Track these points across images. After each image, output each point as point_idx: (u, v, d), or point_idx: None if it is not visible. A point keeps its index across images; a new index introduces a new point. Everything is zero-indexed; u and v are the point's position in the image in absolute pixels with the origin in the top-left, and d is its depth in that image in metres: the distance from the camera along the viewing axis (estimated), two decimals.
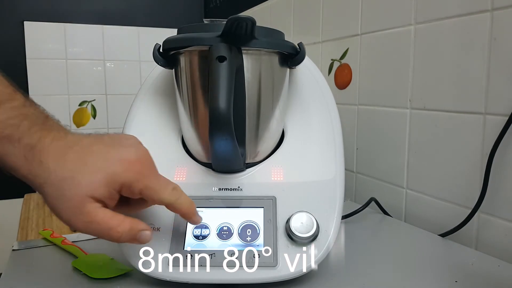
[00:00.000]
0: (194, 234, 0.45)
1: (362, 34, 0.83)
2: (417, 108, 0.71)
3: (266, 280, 0.43)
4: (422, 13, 0.68)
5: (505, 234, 0.57)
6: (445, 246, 0.60)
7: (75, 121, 1.66)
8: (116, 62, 1.70)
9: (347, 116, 0.88)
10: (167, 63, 0.49)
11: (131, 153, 0.39)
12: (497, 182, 0.57)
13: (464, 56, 0.62)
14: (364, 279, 0.48)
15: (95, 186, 0.36)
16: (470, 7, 0.60)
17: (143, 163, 0.39)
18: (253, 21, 0.41)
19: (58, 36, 1.61)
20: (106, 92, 1.70)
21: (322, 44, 0.96)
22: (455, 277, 0.49)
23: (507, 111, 0.55)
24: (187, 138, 0.52)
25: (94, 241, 0.59)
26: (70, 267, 0.50)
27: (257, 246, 0.44)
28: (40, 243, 0.58)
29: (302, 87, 0.55)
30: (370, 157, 0.83)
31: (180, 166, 0.51)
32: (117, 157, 0.38)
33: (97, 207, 0.36)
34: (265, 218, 0.46)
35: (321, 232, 0.45)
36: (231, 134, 0.42)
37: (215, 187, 0.49)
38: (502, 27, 0.56)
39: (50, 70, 1.61)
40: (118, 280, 0.47)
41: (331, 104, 0.54)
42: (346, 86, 0.89)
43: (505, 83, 0.56)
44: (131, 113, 0.54)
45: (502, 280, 0.49)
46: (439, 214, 0.67)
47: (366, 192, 0.84)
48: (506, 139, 0.56)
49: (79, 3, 1.64)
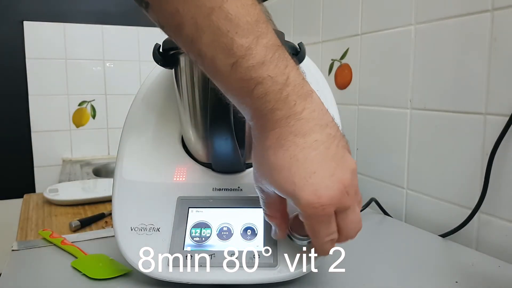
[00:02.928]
0: (194, 234, 0.45)
1: (362, 34, 0.83)
2: (417, 108, 0.70)
3: (266, 280, 0.43)
4: (422, 13, 0.68)
5: (505, 234, 0.57)
6: (445, 247, 0.60)
7: (74, 121, 1.66)
8: (116, 62, 1.70)
9: (348, 116, 0.88)
10: (167, 63, 0.49)
11: (331, 192, 0.35)
12: (497, 182, 0.57)
13: (464, 56, 0.61)
14: (364, 279, 0.48)
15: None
16: (470, 7, 0.60)
17: (333, 201, 0.36)
18: None
19: (58, 36, 1.61)
20: (105, 92, 1.70)
21: (322, 44, 0.96)
22: (455, 278, 0.48)
23: (508, 111, 0.55)
24: (187, 138, 0.52)
25: (93, 242, 0.59)
26: (70, 267, 0.50)
27: (257, 246, 0.44)
28: (40, 244, 0.58)
29: None
30: (370, 157, 0.83)
31: (180, 166, 0.50)
32: (319, 184, 0.34)
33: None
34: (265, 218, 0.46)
35: None
36: (231, 134, 0.42)
37: (215, 187, 0.49)
38: (502, 27, 0.56)
39: (49, 70, 1.60)
40: (118, 281, 0.47)
41: (331, 104, 0.54)
42: (346, 86, 0.88)
43: (506, 83, 0.56)
44: (130, 113, 0.54)
45: (502, 280, 0.49)
46: (440, 215, 0.67)
47: (366, 193, 0.84)
48: (507, 139, 0.55)
49: (79, 3, 1.64)
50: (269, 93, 0.33)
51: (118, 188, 0.48)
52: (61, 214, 0.77)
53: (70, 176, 1.31)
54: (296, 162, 0.34)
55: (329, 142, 0.35)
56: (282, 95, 0.33)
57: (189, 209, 0.47)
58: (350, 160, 0.36)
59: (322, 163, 0.34)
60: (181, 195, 0.48)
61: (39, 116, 1.61)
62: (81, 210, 0.80)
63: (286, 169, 0.34)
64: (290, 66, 0.34)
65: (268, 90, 0.32)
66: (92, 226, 0.71)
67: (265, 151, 0.35)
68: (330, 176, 0.34)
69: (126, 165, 0.49)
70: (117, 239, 0.46)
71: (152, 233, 0.45)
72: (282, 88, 0.33)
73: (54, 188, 0.88)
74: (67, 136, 1.66)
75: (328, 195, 0.34)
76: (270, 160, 0.35)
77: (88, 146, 1.69)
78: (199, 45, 0.32)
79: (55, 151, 1.64)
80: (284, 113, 0.33)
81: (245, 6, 0.32)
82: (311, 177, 0.34)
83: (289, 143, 0.34)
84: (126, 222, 0.46)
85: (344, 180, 0.35)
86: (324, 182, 0.34)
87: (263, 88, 0.32)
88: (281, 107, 0.33)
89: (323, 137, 0.34)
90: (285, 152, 0.34)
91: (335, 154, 0.35)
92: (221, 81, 0.34)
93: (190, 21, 0.31)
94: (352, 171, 0.36)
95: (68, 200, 0.83)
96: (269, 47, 0.32)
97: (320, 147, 0.34)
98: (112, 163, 1.45)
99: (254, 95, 0.33)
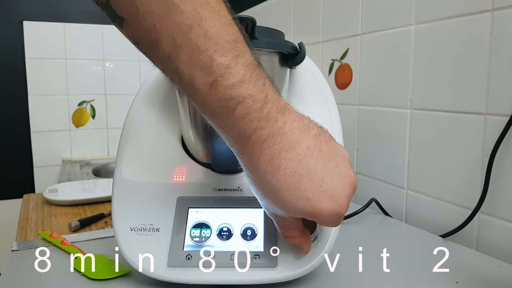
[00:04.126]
0: (194, 234, 0.45)
1: (362, 34, 0.83)
2: (417, 108, 0.70)
3: (266, 281, 0.43)
4: (423, 13, 0.68)
5: (505, 235, 0.57)
6: (445, 247, 0.59)
7: (74, 121, 1.66)
8: (116, 62, 1.70)
9: (348, 116, 0.88)
10: None
11: (345, 190, 0.35)
12: (498, 182, 0.57)
13: (464, 56, 0.61)
14: (364, 279, 0.48)
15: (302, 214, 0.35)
16: (470, 7, 0.60)
17: (349, 198, 0.36)
18: (254, 21, 0.41)
19: (58, 36, 1.61)
20: (105, 92, 1.70)
21: (323, 44, 0.96)
22: (455, 278, 0.48)
23: (508, 111, 0.55)
24: (187, 138, 0.52)
25: (93, 242, 0.59)
26: (70, 267, 0.50)
27: (257, 246, 0.44)
28: (40, 244, 0.58)
29: (302, 87, 0.55)
30: (370, 157, 0.83)
31: (180, 166, 0.50)
32: (333, 188, 0.34)
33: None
34: (265, 218, 0.46)
35: (321, 233, 0.45)
36: None
37: (215, 187, 0.49)
38: (502, 27, 0.56)
39: (49, 70, 1.60)
40: (118, 281, 0.47)
41: (331, 104, 0.54)
42: (346, 86, 0.88)
43: (506, 83, 0.56)
44: (130, 113, 0.54)
45: (502, 280, 0.49)
46: (440, 215, 0.67)
47: (366, 193, 0.84)
48: (507, 139, 0.55)
49: (79, 3, 1.64)
50: (251, 112, 0.32)
51: (118, 188, 0.48)
52: (61, 214, 0.77)
53: (70, 176, 1.31)
54: (301, 177, 0.33)
55: (319, 142, 0.35)
56: (263, 113, 0.32)
57: (189, 209, 0.47)
58: (340, 148, 0.36)
59: (324, 167, 0.34)
60: (181, 195, 0.48)
61: (39, 116, 1.61)
62: (81, 210, 0.80)
63: (294, 188, 0.33)
64: (267, 84, 0.33)
65: (250, 109, 0.32)
66: (92, 226, 0.71)
67: (263, 178, 0.34)
68: (337, 176, 0.34)
69: (126, 165, 0.49)
70: (117, 239, 0.46)
71: (152, 233, 0.45)
72: (262, 106, 0.32)
73: (53, 188, 0.88)
74: (66, 136, 1.66)
75: (345, 195, 0.34)
76: (273, 186, 0.34)
77: (87, 146, 1.69)
78: (177, 62, 0.31)
79: (54, 151, 1.64)
80: (269, 132, 0.33)
81: (223, 25, 0.31)
82: (322, 186, 0.34)
83: (284, 160, 0.33)
84: (125, 222, 0.46)
85: (349, 172, 0.35)
86: (336, 185, 0.34)
87: (244, 107, 0.32)
88: (265, 126, 0.33)
89: (312, 141, 0.34)
90: (285, 172, 0.33)
91: (328, 151, 0.35)
92: (200, 101, 0.33)
93: (167, 38, 0.31)
94: (347, 158, 0.36)
95: (68, 200, 0.83)
96: (247, 66, 0.32)
97: (314, 152, 0.34)
98: (112, 163, 1.45)
99: (236, 115, 0.32)
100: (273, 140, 0.33)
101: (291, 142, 0.33)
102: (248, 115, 0.32)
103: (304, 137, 0.34)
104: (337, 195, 0.34)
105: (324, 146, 0.35)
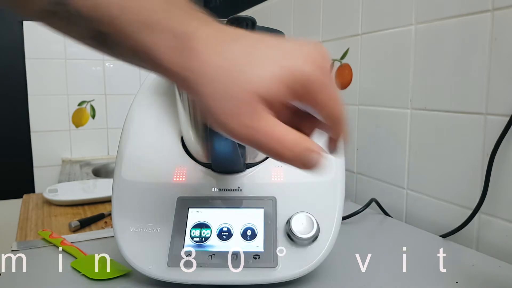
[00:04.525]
0: (194, 234, 0.45)
1: (362, 34, 0.83)
2: (417, 108, 0.70)
3: (266, 281, 0.43)
4: (423, 13, 0.68)
5: (506, 235, 0.57)
6: (446, 247, 0.59)
7: (74, 121, 1.66)
8: (116, 62, 1.69)
9: (348, 116, 0.88)
10: None
11: (313, 47, 0.31)
12: (498, 182, 0.57)
13: (465, 56, 0.61)
14: (364, 279, 0.48)
15: (268, 82, 0.29)
16: (470, 7, 0.60)
17: (326, 60, 0.31)
18: (254, 21, 0.41)
19: (57, 36, 1.60)
20: (105, 92, 1.70)
21: (322, 44, 0.96)
22: (456, 278, 0.48)
23: (508, 111, 0.55)
24: (187, 138, 0.52)
25: (93, 242, 0.59)
26: (69, 268, 0.50)
27: (257, 246, 0.44)
28: (39, 244, 0.58)
29: None
30: (370, 157, 0.83)
31: (180, 166, 0.50)
32: (297, 48, 0.30)
33: (264, 109, 0.29)
34: (265, 218, 0.46)
35: (322, 233, 0.45)
36: None
37: (215, 188, 0.49)
38: (503, 27, 0.56)
39: (49, 70, 1.60)
40: (118, 281, 0.47)
41: None
42: (346, 86, 0.88)
43: (506, 83, 0.56)
44: (130, 113, 0.54)
45: (503, 281, 0.49)
46: (440, 215, 0.67)
47: (366, 193, 0.84)
48: (507, 139, 0.55)
49: None
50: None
51: (118, 188, 0.48)
52: (61, 215, 0.77)
53: (70, 176, 1.30)
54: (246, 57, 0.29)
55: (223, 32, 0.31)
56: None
57: (189, 209, 0.47)
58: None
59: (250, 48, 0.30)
60: (181, 195, 0.48)
61: (39, 116, 1.61)
62: (81, 210, 0.80)
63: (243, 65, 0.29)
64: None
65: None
66: (92, 226, 0.71)
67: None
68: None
69: (126, 165, 0.49)
70: (117, 239, 0.46)
71: (152, 233, 0.45)
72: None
73: (53, 188, 0.88)
74: (66, 136, 1.66)
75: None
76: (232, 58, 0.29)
77: (87, 146, 1.69)
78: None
79: (54, 151, 1.64)
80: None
81: None
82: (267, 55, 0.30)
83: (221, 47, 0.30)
84: (125, 222, 0.46)
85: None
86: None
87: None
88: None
89: (216, 31, 0.31)
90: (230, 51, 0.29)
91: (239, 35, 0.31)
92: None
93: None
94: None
95: (68, 200, 0.83)
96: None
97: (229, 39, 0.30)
98: (112, 163, 1.45)
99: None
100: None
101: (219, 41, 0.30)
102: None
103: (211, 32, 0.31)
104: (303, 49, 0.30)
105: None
